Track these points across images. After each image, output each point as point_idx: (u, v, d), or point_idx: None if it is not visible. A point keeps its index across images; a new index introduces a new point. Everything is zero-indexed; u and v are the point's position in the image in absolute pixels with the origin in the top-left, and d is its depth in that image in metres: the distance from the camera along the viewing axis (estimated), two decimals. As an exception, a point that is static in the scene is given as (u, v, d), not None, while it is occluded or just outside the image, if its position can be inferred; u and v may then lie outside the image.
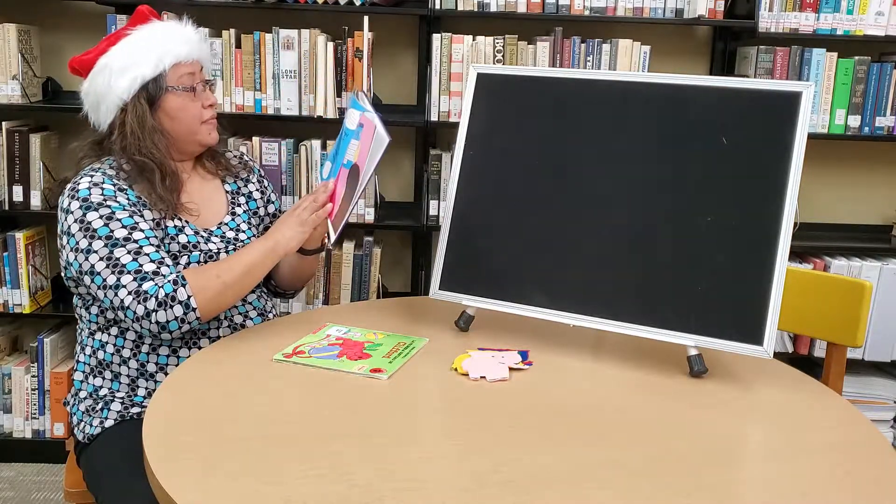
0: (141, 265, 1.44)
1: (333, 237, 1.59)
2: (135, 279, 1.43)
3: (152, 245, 1.48)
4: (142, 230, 1.48)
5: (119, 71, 1.54)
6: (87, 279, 1.47)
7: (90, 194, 1.48)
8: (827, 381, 1.69)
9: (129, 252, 1.45)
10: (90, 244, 1.45)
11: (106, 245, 1.45)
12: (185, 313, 1.43)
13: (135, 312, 1.43)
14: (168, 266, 1.47)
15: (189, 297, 1.43)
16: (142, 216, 1.51)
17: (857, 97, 2.44)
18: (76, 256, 1.47)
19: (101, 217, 1.46)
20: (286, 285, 1.82)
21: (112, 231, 1.46)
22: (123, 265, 1.44)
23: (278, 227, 1.56)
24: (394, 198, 2.71)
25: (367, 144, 1.50)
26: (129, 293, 1.43)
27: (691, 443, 1.12)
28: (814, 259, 2.55)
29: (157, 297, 1.42)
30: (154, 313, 1.42)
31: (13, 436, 2.62)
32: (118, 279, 1.44)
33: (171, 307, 1.43)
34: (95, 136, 1.60)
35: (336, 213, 1.57)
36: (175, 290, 1.43)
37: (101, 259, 1.44)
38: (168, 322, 1.43)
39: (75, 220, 1.47)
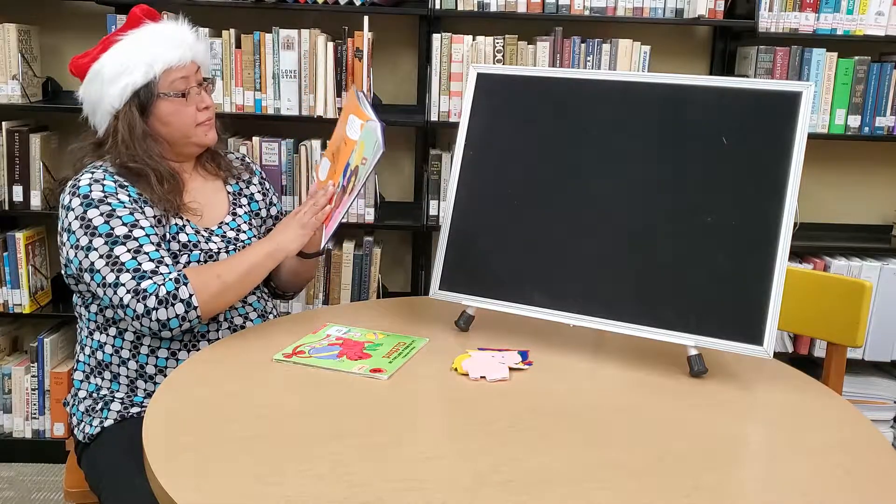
0: (140, 263, 1.45)
1: (323, 242, 1.61)
2: (133, 277, 1.44)
3: (152, 243, 1.48)
4: (142, 227, 1.48)
5: (110, 79, 1.53)
6: (87, 276, 1.47)
7: (91, 191, 1.48)
8: (827, 381, 1.69)
9: (128, 250, 1.45)
10: (90, 241, 1.45)
11: (106, 243, 1.45)
12: (186, 311, 1.44)
13: (134, 311, 1.43)
14: (167, 265, 1.47)
15: (191, 295, 1.44)
16: (143, 213, 1.51)
17: (857, 97, 2.43)
18: (76, 253, 1.47)
19: (101, 214, 1.46)
20: (285, 287, 1.82)
21: (112, 228, 1.46)
22: (122, 263, 1.44)
23: (280, 230, 1.56)
24: (394, 198, 2.71)
25: (369, 150, 1.49)
26: (128, 291, 1.43)
27: (691, 443, 1.12)
28: (814, 259, 2.55)
29: (157, 295, 1.43)
30: (154, 311, 1.43)
31: (13, 436, 2.62)
32: (117, 277, 1.44)
33: (173, 305, 1.43)
34: (95, 139, 1.60)
35: (331, 217, 1.58)
36: (177, 289, 1.43)
37: (100, 257, 1.45)
38: (169, 320, 1.43)
39: (76, 217, 1.47)
